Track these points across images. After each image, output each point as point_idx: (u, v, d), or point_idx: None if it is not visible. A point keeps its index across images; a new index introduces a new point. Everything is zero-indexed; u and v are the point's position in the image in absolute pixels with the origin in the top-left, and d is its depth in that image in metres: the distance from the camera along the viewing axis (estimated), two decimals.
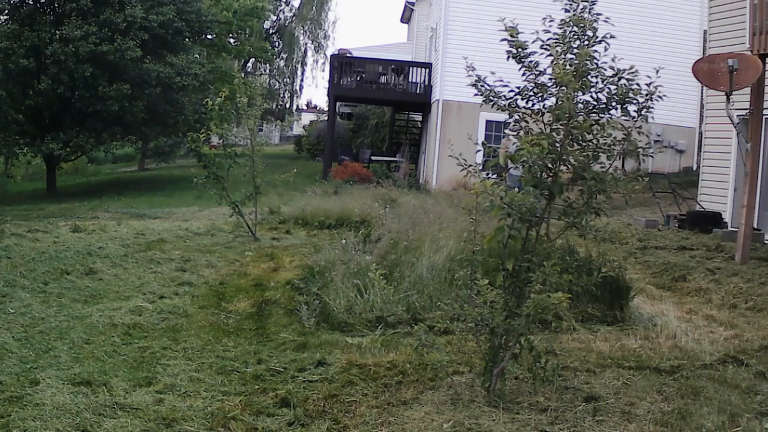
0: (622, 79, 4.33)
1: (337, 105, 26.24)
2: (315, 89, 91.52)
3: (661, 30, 18.97)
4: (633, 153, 4.42)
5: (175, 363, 4.93)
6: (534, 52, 4.41)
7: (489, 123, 18.98)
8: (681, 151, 20.01)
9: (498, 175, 4.52)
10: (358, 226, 10.78)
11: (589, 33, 4.28)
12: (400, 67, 24.01)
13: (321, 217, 12.05)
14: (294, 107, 48.82)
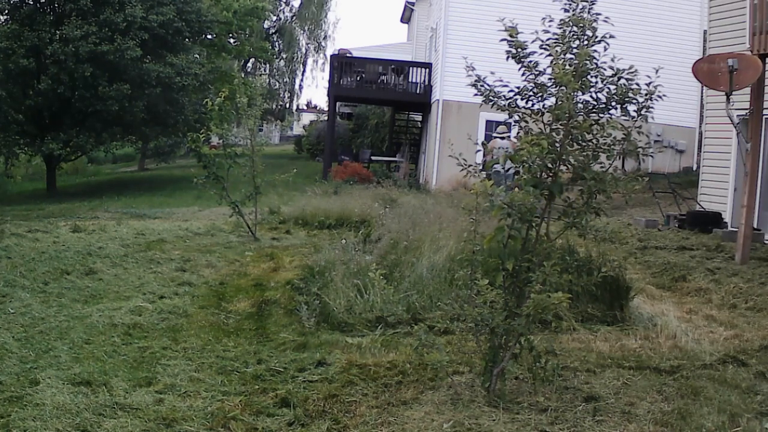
0: (621, 79, 4.33)
1: (337, 105, 26.23)
2: (315, 89, 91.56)
3: (661, 30, 18.97)
4: (633, 153, 4.42)
5: (175, 363, 4.94)
6: (533, 52, 4.41)
7: (489, 123, 18.95)
8: (681, 151, 20.00)
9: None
10: (358, 226, 10.78)
11: (589, 33, 4.28)
12: (400, 67, 24.00)
13: (321, 217, 12.05)
14: (294, 107, 48.80)
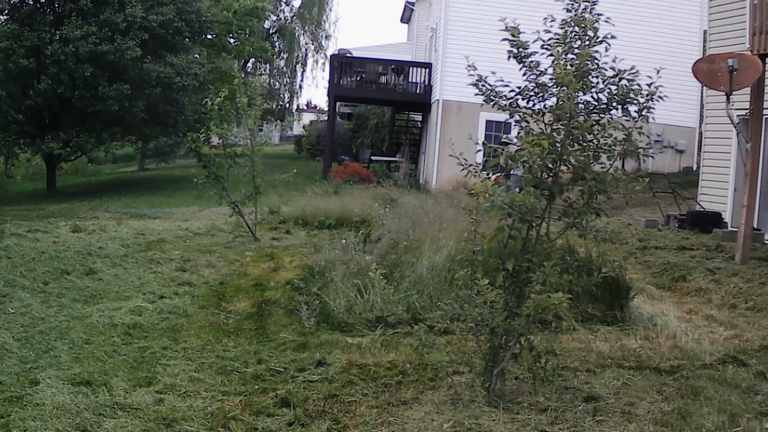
0: (622, 80, 4.33)
1: (337, 105, 26.23)
2: (315, 89, 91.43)
3: (662, 30, 18.98)
4: (633, 153, 4.43)
5: (175, 363, 4.93)
6: (535, 52, 4.41)
7: (489, 123, 18.99)
8: (681, 151, 20.01)
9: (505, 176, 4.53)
10: (358, 226, 10.77)
11: (590, 33, 4.28)
12: (400, 67, 24.01)
13: (321, 217, 12.05)
14: (294, 107, 48.76)
